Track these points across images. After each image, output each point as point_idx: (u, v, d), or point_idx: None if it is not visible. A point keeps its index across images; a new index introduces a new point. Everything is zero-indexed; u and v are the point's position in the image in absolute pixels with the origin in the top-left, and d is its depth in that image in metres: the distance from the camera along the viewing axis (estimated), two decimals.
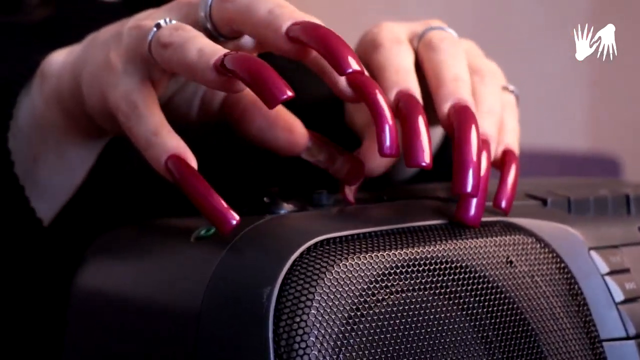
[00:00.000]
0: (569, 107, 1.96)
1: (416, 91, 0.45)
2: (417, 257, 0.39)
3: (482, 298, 0.40)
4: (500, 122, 0.48)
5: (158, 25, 0.43)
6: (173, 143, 0.42)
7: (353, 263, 0.37)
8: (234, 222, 0.40)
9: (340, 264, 0.37)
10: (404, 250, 0.39)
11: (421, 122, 0.43)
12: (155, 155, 0.42)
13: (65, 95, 0.49)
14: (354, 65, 0.40)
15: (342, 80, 0.42)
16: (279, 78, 0.39)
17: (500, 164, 0.47)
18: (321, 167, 0.47)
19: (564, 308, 0.43)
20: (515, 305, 0.41)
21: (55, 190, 0.53)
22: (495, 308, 0.41)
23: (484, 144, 0.44)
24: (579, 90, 1.98)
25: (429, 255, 0.39)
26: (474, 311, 0.40)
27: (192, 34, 0.42)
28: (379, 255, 0.38)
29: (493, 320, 0.41)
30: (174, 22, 0.44)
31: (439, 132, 0.68)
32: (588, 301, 0.43)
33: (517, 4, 1.93)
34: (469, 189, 0.41)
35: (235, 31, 0.44)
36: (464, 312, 0.40)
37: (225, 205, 0.40)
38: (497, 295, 0.41)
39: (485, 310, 0.41)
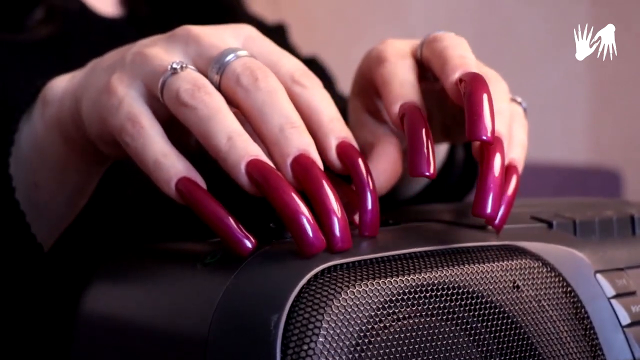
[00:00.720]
0: (569, 120, 1.96)
1: (420, 104, 0.45)
2: (424, 283, 0.39)
3: (489, 323, 0.40)
4: (509, 124, 0.47)
5: (174, 70, 0.43)
6: (183, 165, 0.42)
7: (360, 290, 0.37)
8: (250, 245, 0.39)
9: (348, 291, 0.37)
10: (410, 277, 0.39)
11: (424, 132, 0.43)
12: (165, 178, 0.41)
13: (66, 120, 0.49)
14: (343, 241, 0.40)
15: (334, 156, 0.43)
16: (315, 226, 0.39)
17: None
18: None
19: (571, 332, 0.43)
20: (522, 330, 0.41)
21: (56, 216, 0.53)
22: (502, 333, 0.41)
23: (497, 141, 0.44)
24: (579, 103, 1.98)
25: (436, 281, 0.39)
26: (481, 337, 0.40)
27: (216, 104, 0.41)
28: (386, 281, 0.38)
29: (500, 346, 0.41)
30: (189, 68, 0.43)
31: (442, 149, 0.68)
32: (594, 325, 0.43)
33: (518, 17, 1.93)
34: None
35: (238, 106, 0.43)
36: (471, 338, 0.40)
37: (241, 227, 0.40)
38: (504, 321, 0.41)
39: (492, 335, 0.40)
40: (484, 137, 0.41)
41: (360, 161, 0.42)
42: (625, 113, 1.94)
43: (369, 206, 0.42)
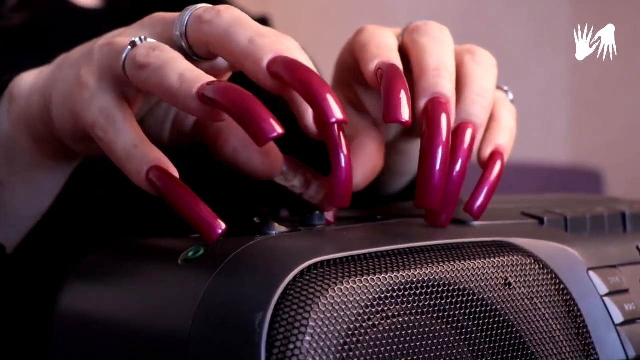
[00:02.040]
0: (551, 121, 1.96)
1: (397, 63, 0.44)
2: (414, 280, 0.38)
3: (480, 322, 0.39)
4: (494, 114, 0.46)
5: (133, 44, 0.42)
6: (154, 154, 0.40)
7: (348, 287, 0.36)
8: (220, 231, 0.38)
9: (335, 288, 0.36)
10: (400, 273, 0.38)
11: (400, 81, 0.41)
12: (136, 168, 0.40)
13: (34, 117, 0.48)
14: (337, 114, 0.38)
15: (311, 121, 0.41)
16: (268, 113, 0.37)
17: (484, 165, 0.45)
18: (295, 192, 0.45)
19: (564, 331, 0.41)
20: (514, 329, 0.40)
21: (20, 215, 0.51)
22: (493, 332, 0.39)
23: (467, 128, 0.43)
24: (561, 104, 1.98)
25: (426, 278, 0.38)
26: (472, 335, 0.39)
27: (170, 55, 0.40)
28: (375, 278, 0.37)
29: (491, 345, 0.39)
30: (149, 40, 0.42)
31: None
32: (587, 323, 0.42)
33: (501, 19, 1.93)
34: (431, 205, 0.40)
35: (211, 53, 0.42)
36: (462, 337, 0.39)
37: (211, 213, 0.38)
38: (496, 319, 0.40)
39: (483, 334, 0.39)
40: (430, 207, 0.41)
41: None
42: (606, 114, 1.95)
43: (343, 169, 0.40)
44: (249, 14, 0.90)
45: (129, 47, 0.42)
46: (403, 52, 0.47)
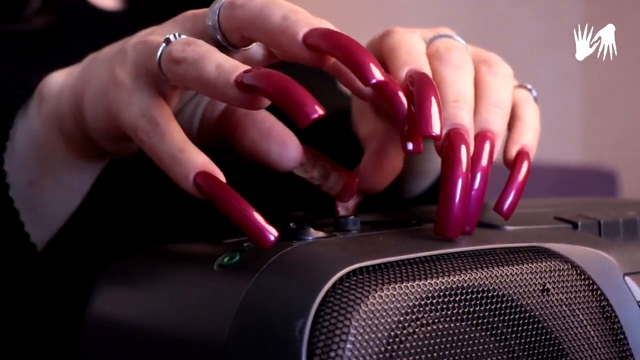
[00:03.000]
0: (562, 120, 1.95)
1: (428, 72, 0.44)
2: (453, 286, 0.37)
3: (518, 329, 0.39)
4: (518, 115, 0.47)
5: (167, 41, 0.41)
6: (201, 159, 0.40)
7: (388, 294, 0.36)
8: (273, 238, 0.38)
9: (375, 295, 0.35)
10: (438, 280, 0.37)
11: (432, 92, 0.41)
12: (183, 172, 0.40)
13: (64, 116, 0.48)
14: (378, 75, 0.39)
15: (363, 86, 0.41)
16: (309, 95, 0.37)
17: (511, 165, 0.45)
18: (314, 183, 0.45)
19: (601, 337, 0.41)
20: (552, 336, 0.39)
21: (50, 215, 0.51)
22: (531, 339, 0.39)
23: (486, 139, 0.43)
24: (571, 103, 1.98)
25: (464, 284, 0.38)
26: (509, 342, 0.39)
27: (205, 48, 0.40)
28: (414, 284, 0.36)
29: (529, 352, 0.39)
30: (183, 36, 0.42)
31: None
32: (625, 329, 0.42)
33: (511, 17, 1.92)
34: (450, 235, 0.40)
35: (246, 39, 0.42)
36: (499, 344, 0.38)
37: (263, 219, 0.38)
38: (533, 325, 0.39)
39: (520, 341, 0.39)
40: (449, 236, 0.40)
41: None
42: (618, 113, 1.94)
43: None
44: None
45: (164, 44, 0.41)
46: None
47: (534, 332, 0.39)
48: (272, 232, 0.38)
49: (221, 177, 0.40)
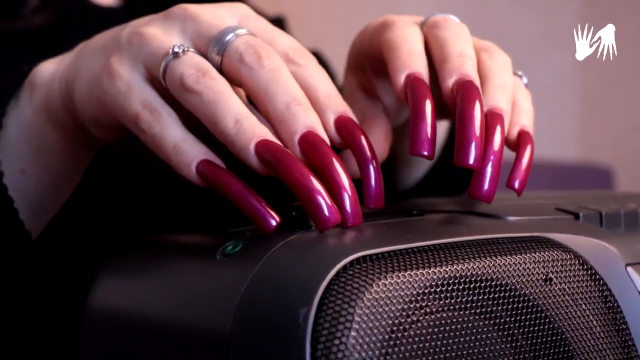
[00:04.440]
0: (559, 118, 1.96)
1: (426, 76, 0.45)
2: (456, 275, 0.37)
3: (521, 318, 0.39)
4: (512, 100, 0.47)
5: (175, 54, 0.42)
6: (202, 148, 0.41)
7: (392, 282, 0.36)
8: (275, 223, 0.39)
9: (380, 283, 0.35)
10: (442, 268, 0.37)
11: (428, 110, 0.42)
12: (185, 161, 0.41)
13: (55, 105, 0.48)
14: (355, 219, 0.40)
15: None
16: (325, 198, 0.38)
17: (515, 145, 0.46)
18: None
19: (603, 327, 0.41)
20: (555, 325, 0.39)
21: (42, 204, 0.51)
22: (533, 328, 0.39)
23: (497, 117, 0.44)
24: (568, 101, 1.98)
25: (467, 273, 0.38)
26: (512, 331, 0.39)
27: (221, 87, 0.41)
28: (417, 273, 0.36)
29: (531, 341, 0.39)
30: (191, 51, 0.42)
31: (443, 126, 0.66)
32: (627, 319, 0.42)
33: (508, 15, 1.92)
34: (472, 161, 0.41)
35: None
36: (502, 333, 0.38)
37: (266, 204, 0.39)
38: (536, 315, 0.39)
39: (523, 330, 0.39)
40: (470, 163, 0.41)
41: (360, 135, 0.42)
42: (614, 111, 1.94)
43: (372, 180, 0.41)
44: (264, 14, 0.90)
45: (171, 56, 0.42)
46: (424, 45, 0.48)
47: (537, 322, 0.39)
48: (275, 217, 0.39)
49: (222, 165, 0.41)
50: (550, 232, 0.42)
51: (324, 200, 0.38)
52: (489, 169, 0.42)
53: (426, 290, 0.36)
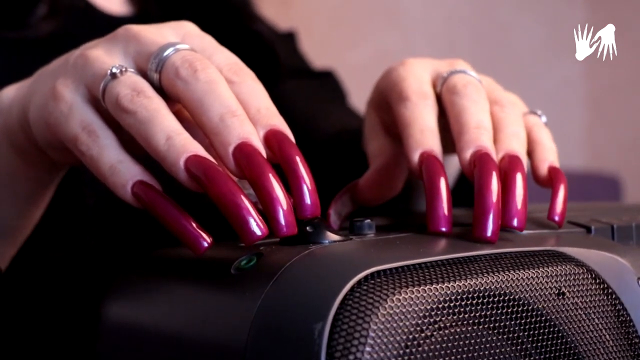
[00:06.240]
0: (565, 125, 1.96)
1: (439, 153, 0.46)
2: (470, 289, 0.37)
3: (534, 332, 0.39)
4: (535, 139, 0.49)
5: (113, 75, 0.42)
6: (138, 169, 0.41)
7: (406, 297, 0.36)
8: (206, 244, 0.39)
9: (394, 298, 0.36)
10: (456, 283, 0.37)
11: (443, 187, 0.43)
12: (120, 182, 0.41)
13: (14, 129, 0.48)
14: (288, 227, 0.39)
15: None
16: (251, 214, 0.38)
17: (547, 181, 0.48)
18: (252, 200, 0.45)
19: (616, 341, 0.41)
20: (567, 339, 0.40)
21: (11, 227, 0.52)
22: (546, 342, 0.39)
23: (513, 160, 0.45)
24: (574, 108, 1.98)
25: (481, 288, 0.38)
26: (525, 346, 0.39)
27: (154, 105, 0.41)
28: (431, 288, 0.37)
29: (546, 356, 0.39)
30: (129, 72, 0.42)
31: (456, 161, 0.67)
32: (639, 333, 0.42)
33: (514, 22, 1.92)
34: (489, 234, 0.42)
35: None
36: (515, 347, 0.39)
37: (197, 226, 0.39)
38: (549, 329, 0.39)
39: (537, 345, 0.39)
40: (488, 236, 0.42)
41: (288, 147, 0.41)
42: (621, 118, 1.94)
43: (306, 197, 0.40)
44: (276, 29, 0.89)
45: (109, 76, 0.42)
46: (440, 102, 0.49)
47: (550, 336, 0.39)
48: (206, 239, 0.39)
49: (157, 186, 0.41)
50: (562, 246, 0.42)
51: (249, 215, 0.38)
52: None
53: (440, 305, 0.37)
